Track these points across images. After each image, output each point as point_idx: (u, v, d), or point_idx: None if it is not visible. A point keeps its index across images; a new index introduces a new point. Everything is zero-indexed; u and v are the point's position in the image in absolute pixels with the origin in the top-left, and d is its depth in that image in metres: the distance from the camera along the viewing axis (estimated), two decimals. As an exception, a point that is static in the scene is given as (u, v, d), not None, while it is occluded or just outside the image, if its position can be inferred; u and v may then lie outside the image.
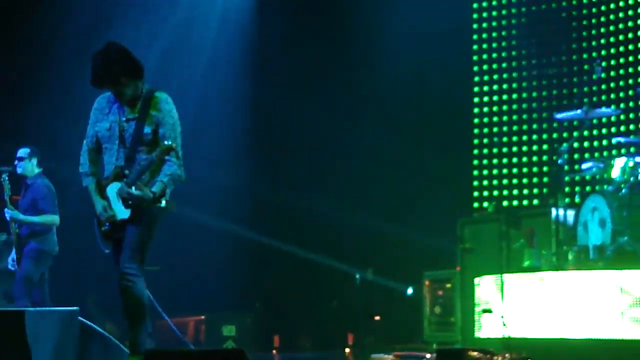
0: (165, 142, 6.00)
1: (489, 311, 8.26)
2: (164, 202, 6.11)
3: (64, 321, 6.70)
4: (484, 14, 13.15)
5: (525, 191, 12.63)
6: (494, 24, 13.09)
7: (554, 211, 8.94)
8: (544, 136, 12.52)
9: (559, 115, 9.44)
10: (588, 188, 10.98)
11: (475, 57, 13.16)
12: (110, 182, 6.14)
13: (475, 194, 12.92)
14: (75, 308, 6.86)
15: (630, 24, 11.95)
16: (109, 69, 6.02)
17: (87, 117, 6.33)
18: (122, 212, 6.09)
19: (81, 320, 6.84)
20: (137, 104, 6.15)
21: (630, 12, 11.97)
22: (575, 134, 9.67)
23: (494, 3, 13.08)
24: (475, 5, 13.18)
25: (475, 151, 13.04)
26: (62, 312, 6.84)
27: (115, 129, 6.16)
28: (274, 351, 12.31)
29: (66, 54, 11.33)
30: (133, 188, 5.96)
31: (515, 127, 12.85)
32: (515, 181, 12.77)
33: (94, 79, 6.07)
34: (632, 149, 8.98)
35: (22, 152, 8.99)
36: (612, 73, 11.94)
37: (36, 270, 8.81)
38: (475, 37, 13.17)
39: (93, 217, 6.23)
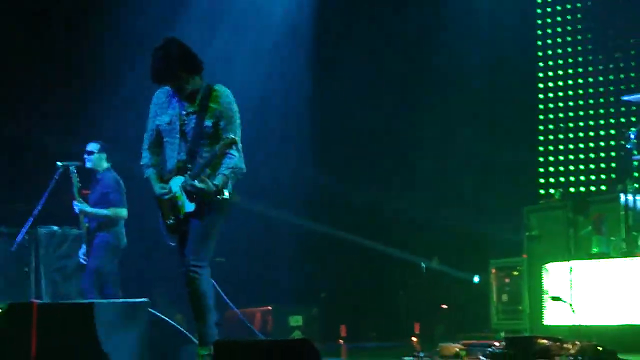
0: (227, 135, 6.04)
1: (558, 299, 8.17)
2: (227, 194, 6.15)
3: (134, 313, 6.80)
4: (548, -1, 12.98)
5: (593, 177, 12.45)
6: (558, 7, 12.91)
7: (622, 197, 8.81)
8: (612, 121, 12.31)
9: (626, 97, 9.30)
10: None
11: (539, 43, 13.00)
12: (173, 175, 6.20)
13: (542, 180, 12.78)
14: (145, 300, 6.95)
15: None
16: (169, 65, 6.08)
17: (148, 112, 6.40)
18: (188, 205, 6.14)
19: (151, 312, 6.94)
20: (197, 98, 6.20)
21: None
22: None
23: (558, -12, 12.91)
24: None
25: (541, 137, 12.89)
26: (132, 303, 6.94)
27: (176, 122, 6.22)
28: (341, 341, 12.33)
29: (131, 50, 11.47)
30: (196, 181, 6.02)
31: (581, 112, 12.67)
32: (582, 167, 12.59)
33: (155, 74, 6.14)
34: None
35: (92, 146, 9.12)
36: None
37: (106, 263, 8.93)
38: (539, 22, 13.02)
39: (158, 210, 6.30)
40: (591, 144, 12.54)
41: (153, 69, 6.13)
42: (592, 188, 12.30)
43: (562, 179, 12.63)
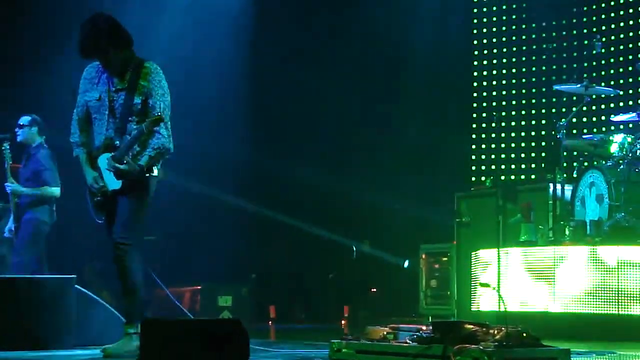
0: (155, 113, 5.98)
1: (487, 285, 8.27)
2: (155, 172, 6.10)
3: (60, 289, 6.72)
4: (485, -13, 13.09)
5: (523, 166, 12.63)
6: (494, -4, 13.03)
7: (551, 186, 8.94)
8: (543, 111, 12.50)
9: (557, 87, 9.42)
10: (586, 164, 10.97)
11: (475, 31, 13.12)
12: (101, 153, 6.11)
13: (473, 167, 12.93)
14: (72, 276, 6.87)
15: (631, -1, 11.91)
16: (97, 40, 5.99)
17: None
18: (114, 183, 6.07)
19: (78, 289, 6.86)
20: (127, 74, 6.12)
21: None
22: (574, 109, 9.63)
23: (495, -24, 13.02)
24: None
25: (474, 125, 13.03)
26: (58, 279, 6.86)
27: (105, 99, 6.12)
28: (270, 322, 12.35)
29: (65, 22, 11.27)
30: (118, 163, 5.94)
31: (514, 102, 12.83)
32: (513, 155, 12.76)
33: (82, 49, 6.04)
34: (630, 126, 8.97)
35: (23, 119, 8.95)
36: (612, 49, 11.90)
37: (33, 240, 8.80)
38: (475, 10, 13.13)
39: (86, 186, 6.22)
40: (523, 133, 12.72)
41: (80, 43, 6.02)
42: (523, 176, 12.48)
43: (493, 167, 12.79)
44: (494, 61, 12.99)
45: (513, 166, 12.71)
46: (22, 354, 6.13)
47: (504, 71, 12.93)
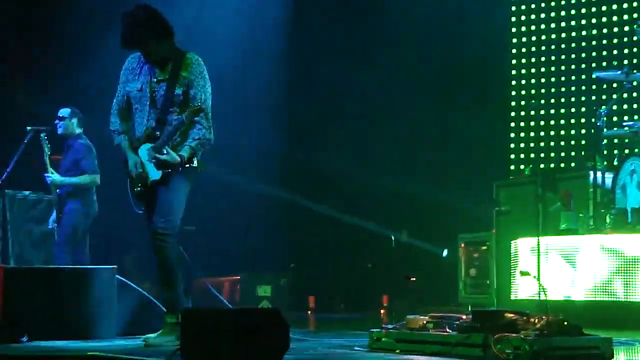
0: (195, 104, 6.01)
1: (527, 273, 8.23)
2: (196, 162, 6.14)
3: (101, 279, 6.80)
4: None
5: (563, 154, 12.50)
6: (532, -16, 12.91)
7: (591, 174, 8.87)
8: (583, 98, 12.36)
9: (597, 74, 9.33)
10: (627, 151, 10.86)
11: (513, 19, 13.00)
12: (142, 143, 6.16)
13: (512, 156, 12.83)
14: (112, 266, 6.94)
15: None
16: (137, 31, 6.03)
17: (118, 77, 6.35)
18: (154, 173, 6.11)
19: (119, 279, 6.93)
20: (168, 65, 6.15)
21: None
22: (614, 96, 9.53)
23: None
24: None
25: (513, 113, 12.92)
26: (99, 270, 6.93)
27: (146, 90, 6.17)
28: (309, 312, 12.38)
29: (105, 13, 11.36)
30: (159, 154, 5.98)
31: (553, 89, 12.70)
32: (552, 144, 12.63)
33: (123, 40, 6.09)
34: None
35: (63, 112, 9.04)
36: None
37: (76, 230, 8.89)
38: (513, -1, 13.02)
39: (126, 176, 6.27)
40: (562, 121, 12.59)
41: (122, 33, 6.07)
42: (562, 165, 12.37)
43: (532, 155, 12.68)
44: (533, 49, 12.86)
45: (552, 154, 12.59)
46: (65, 343, 6.20)
47: (543, 58, 12.80)
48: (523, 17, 12.94)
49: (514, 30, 12.99)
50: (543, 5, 12.80)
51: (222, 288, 11.78)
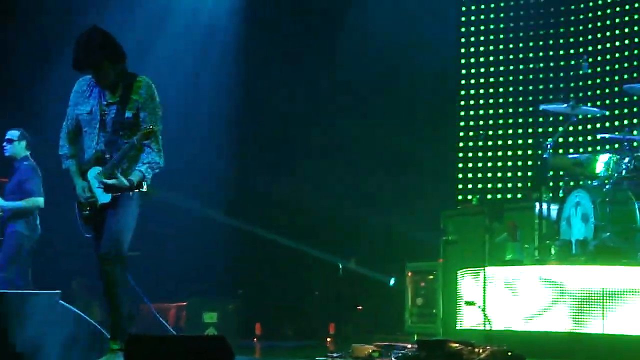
0: (145, 127, 5.99)
1: (472, 303, 8.28)
2: (145, 187, 6.10)
3: (45, 305, 6.69)
4: (472, 7, 13.16)
5: (510, 185, 12.66)
6: (482, 16, 13.10)
7: (537, 205, 8.96)
8: (530, 130, 12.55)
9: (544, 106, 9.47)
10: (572, 183, 11.03)
11: (462, 50, 13.18)
12: (91, 166, 6.12)
13: (460, 186, 12.95)
14: (57, 292, 6.84)
15: (617, 20, 11.99)
16: (91, 54, 6.00)
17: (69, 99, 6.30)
18: (103, 197, 6.07)
19: (62, 304, 6.83)
20: (119, 88, 6.13)
21: (617, 9, 12.01)
22: (560, 128, 9.68)
23: (483, -4, 13.11)
24: (464, -1, 13.21)
25: (461, 144, 13.06)
26: (43, 295, 6.82)
27: (96, 112, 6.14)
28: (256, 339, 12.31)
29: (52, 35, 11.29)
30: (108, 179, 5.95)
31: (501, 121, 12.88)
32: (500, 174, 12.80)
33: (76, 63, 6.05)
34: (616, 145, 9.02)
35: (12, 134, 8.93)
36: (598, 69, 11.98)
37: (18, 253, 8.76)
38: (463, 29, 13.19)
39: (74, 200, 6.21)
40: (509, 152, 12.76)
41: (74, 56, 6.03)
42: (509, 195, 12.51)
43: (480, 185, 12.81)
44: (481, 80, 13.04)
45: (499, 185, 12.74)
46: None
47: (491, 90, 12.98)
48: (472, 49, 13.12)
49: (463, 61, 13.16)
50: (492, 37, 13.00)
51: (168, 314, 11.67)
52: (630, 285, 7.61)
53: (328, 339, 11.95)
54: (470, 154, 12.98)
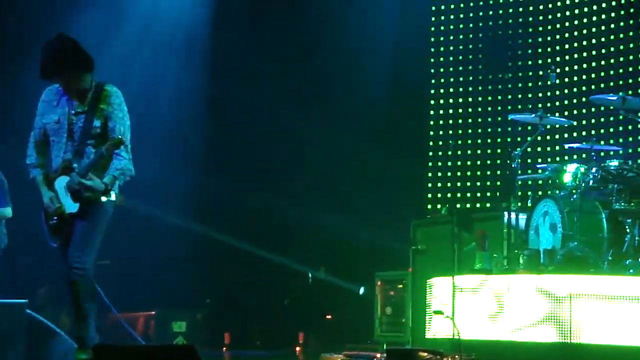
0: (114, 136, 5.95)
1: (440, 312, 8.30)
2: (113, 196, 6.07)
3: (10, 314, 6.62)
4: (442, 17, 13.24)
5: (479, 194, 12.73)
6: (451, 27, 13.18)
7: (506, 215, 9.01)
8: (498, 140, 12.63)
9: (513, 116, 9.54)
10: (540, 193, 11.10)
11: (432, 60, 13.24)
12: (58, 175, 6.07)
13: (429, 195, 13.00)
14: (23, 301, 6.78)
15: (584, 31, 12.11)
16: (59, 62, 5.95)
17: (36, 108, 6.26)
18: (71, 206, 6.02)
19: (29, 313, 6.77)
20: (87, 97, 6.09)
21: (584, 20, 12.13)
22: (528, 139, 9.75)
23: (452, 7, 13.18)
24: (433, 8, 13.27)
25: (430, 153, 13.12)
26: (8, 304, 6.75)
27: (64, 122, 6.09)
28: (225, 348, 12.27)
29: (18, 43, 11.22)
30: (83, 179, 5.91)
31: (470, 130, 12.95)
32: (469, 184, 12.86)
33: (43, 71, 6.01)
34: (583, 155, 9.09)
35: (-25, 142, 8.85)
36: (566, 80, 12.08)
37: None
38: (433, 39, 13.26)
39: (41, 210, 6.16)
40: (478, 162, 12.84)
41: (42, 64, 5.98)
42: (478, 205, 12.57)
43: (449, 195, 12.87)
44: (450, 89, 13.11)
45: (468, 194, 12.81)
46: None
47: (460, 99, 13.06)
48: (442, 59, 13.19)
49: (432, 70, 13.22)
50: (461, 47, 13.08)
51: (136, 323, 11.60)
52: (597, 293, 7.66)
53: (297, 349, 11.94)
54: (439, 163, 13.04)
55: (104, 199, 6.03)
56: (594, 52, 11.98)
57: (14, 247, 8.97)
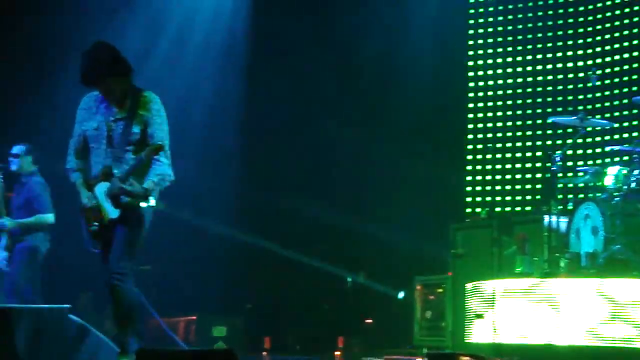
0: (153, 142, 5.99)
1: (480, 316, 8.25)
2: (153, 201, 6.10)
3: (54, 319, 6.68)
4: (480, 20, 13.18)
5: (519, 197, 12.64)
6: (489, 29, 13.11)
7: (546, 218, 8.94)
8: (538, 143, 12.54)
9: (553, 119, 9.46)
10: (581, 196, 11.00)
11: (471, 63, 13.18)
12: (98, 181, 6.12)
13: (469, 199, 12.93)
14: (66, 305, 6.84)
15: (625, 32, 11.99)
16: (97, 69, 6.01)
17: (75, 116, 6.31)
18: (112, 212, 6.07)
19: (72, 318, 6.83)
20: (126, 104, 6.14)
21: (626, 21, 12.02)
22: (569, 141, 9.67)
23: (491, 9, 13.11)
24: (471, 11, 13.22)
25: (469, 157, 13.05)
26: (52, 309, 6.82)
27: (103, 128, 6.14)
28: (264, 353, 12.29)
29: (57, 51, 11.33)
30: (124, 184, 5.95)
31: (509, 134, 12.87)
32: (508, 187, 12.78)
33: (83, 78, 6.06)
34: (625, 158, 9.00)
35: (18, 149, 8.95)
36: (608, 81, 11.97)
37: (27, 269, 8.77)
38: (471, 42, 13.20)
39: (82, 215, 6.21)
40: (518, 165, 12.75)
41: (81, 72, 6.04)
42: (518, 208, 12.49)
43: (488, 198, 12.80)
44: (489, 93, 13.04)
45: (508, 198, 12.72)
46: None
47: (500, 102, 12.98)
48: (480, 62, 13.13)
49: (471, 74, 13.15)
50: (500, 50, 13.00)
51: (177, 328, 11.67)
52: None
53: (337, 353, 11.92)
54: (479, 167, 12.97)
55: (143, 204, 6.07)
56: (635, 53, 11.86)
57: (56, 253, 9.06)
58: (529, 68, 12.77)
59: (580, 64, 12.29)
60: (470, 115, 13.13)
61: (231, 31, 13.23)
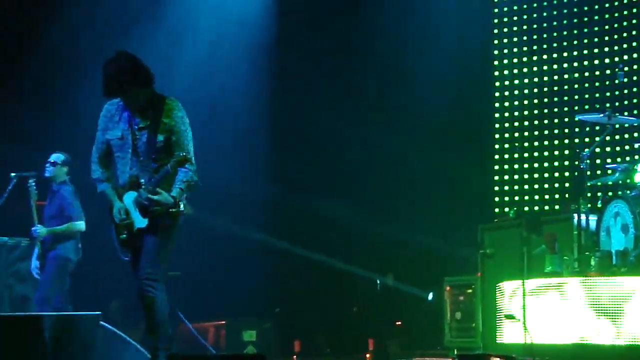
0: (179, 153, 6.00)
1: (511, 317, 8.21)
2: (182, 207, 6.13)
3: (85, 326, 6.73)
4: (505, 18, 13.13)
5: (547, 196, 12.57)
6: (514, 28, 13.06)
7: (575, 216, 8.88)
8: (566, 141, 12.46)
9: (580, 117, 9.40)
10: (610, 193, 10.92)
11: (496, 62, 13.13)
12: (126, 190, 6.15)
13: (497, 199, 12.88)
14: (97, 313, 6.88)
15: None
16: (120, 79, 6.02)
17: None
18: (140, 221, 6.09)
19: (103, 325, 6.87)
20: (148, 112, 6.16)
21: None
22: (597, 139, 9.60)
23: (515, 8, 13.06)
24: (496, 10, 13.17)
25: (497, 156, 13.00)
26: (83, 317, 6.87)
27: (127, 137, 6.15)
28: (295, 356, 12.30)
29: (88, 58, 11.40)
30: (152, 195, 5.98)
31: (536, 132, 12.80)
32: (536, 186, 12.71)
33: (106, 89, 6.08)
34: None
35: (56, 157, 9.03)
36: (635, 78, 11.88)
37: (59, 277, 8.83)
38: (496, 41, 13.15)
39: (112, 224, 6.24)
40: (546, 163, 12.68)
41: (104, 82, 6.06)
42: (546, 207, 12.42)
43: (516, 198, 12.74)
44: (516, 92, 12.98)
45: (536, 197, 12.65)
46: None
47: (526, 101, 12.91)
48: (506, 61, 13.08)
49: (497, 73, 13.11)
50: (525, 49, 12.95)
51: (207, 333, 11.69)
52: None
53: (367, 355, 11.90)
54: (506, 167, 12.92)
55: (172, 211, 6.09)
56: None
57: (87, 260, 9.12)
58: (555, 66, 12.70)
59: (606, 61, 12.20)
60: (497, 115, 13.07)
61: (260, 29, 13.22)
